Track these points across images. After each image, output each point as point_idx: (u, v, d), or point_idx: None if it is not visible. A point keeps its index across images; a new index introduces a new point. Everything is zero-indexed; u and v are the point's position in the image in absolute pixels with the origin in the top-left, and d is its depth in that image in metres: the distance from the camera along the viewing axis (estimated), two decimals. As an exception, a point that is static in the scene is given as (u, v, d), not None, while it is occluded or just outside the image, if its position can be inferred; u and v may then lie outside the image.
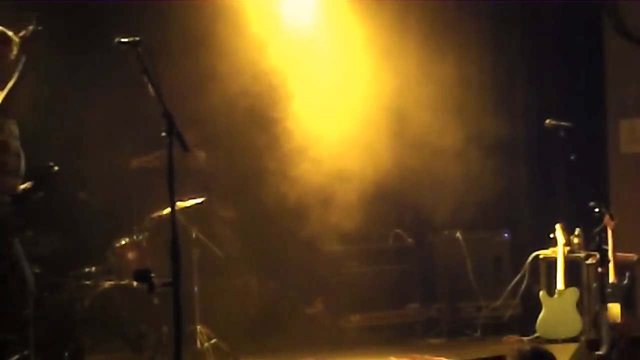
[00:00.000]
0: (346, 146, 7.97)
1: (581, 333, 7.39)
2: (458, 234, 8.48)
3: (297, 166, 7.90)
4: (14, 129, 5.69)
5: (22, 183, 5.72)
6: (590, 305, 7.46)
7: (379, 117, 8.09)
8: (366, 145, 8.05)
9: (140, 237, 7.17)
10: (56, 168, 5.86)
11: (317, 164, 7.90)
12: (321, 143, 7.90)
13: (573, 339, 7.28)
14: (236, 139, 8.03)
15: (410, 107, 8.22)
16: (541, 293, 7.69)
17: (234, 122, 7.87)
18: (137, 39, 4.57)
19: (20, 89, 5.53)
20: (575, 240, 7.90)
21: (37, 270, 6.81)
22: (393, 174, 8.29)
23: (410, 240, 8.60)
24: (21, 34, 5.55)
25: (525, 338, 7.81)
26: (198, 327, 7.11)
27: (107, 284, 6.97)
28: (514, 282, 8.24)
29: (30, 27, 5.52)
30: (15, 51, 5.56)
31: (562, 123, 6.25)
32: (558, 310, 7.53)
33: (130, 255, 7.13)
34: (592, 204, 6.29)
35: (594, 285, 7.32)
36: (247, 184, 8.12)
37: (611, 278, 7.14)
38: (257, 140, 8.01)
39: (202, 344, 7.05)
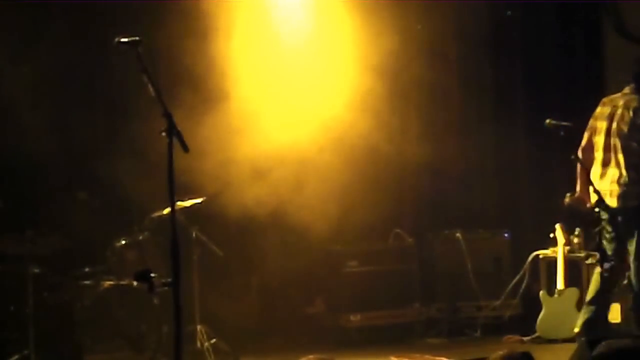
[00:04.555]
0: (345, 145, 7.97)
1: (581, 333, 7.38)
2: (458, 234, 8.46)
3: (297, 166, 7.90)
4: None
5: None
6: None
7: (380, 112, 8.07)
8: (366, 143, 8.04)
9: (140, 237, 7.17)
10: None
11: (315, 162, 7.90)
12: (319, 142, 7.90)
13: (573, 339, 7.26)
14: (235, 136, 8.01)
15: (409, 106, 8.21)
16: (541, 293, 7.70)
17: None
18: (137, 39, 4.56)
19: None
20: (575, 240, 7.90)
21: (37, 270, 6.83)
22: (393, 173, 8.28)
23: (410, 240, 8.59)
24: None
25: (525, 338, 7.80)
26: (198, 327, 7.11)
27: (107, 284, 6.98)
28: (514, 282, 8.22)
29: None
30: None
31: (562, 123, 6.23)
32: (558, 310, 7.54)
33: (130, 255, 7.13)
34: (592, 203, 6.26)
35: (594, 285, 7.31)
36: (246, 183, 8.11)
37: (611, 278, 7.13)
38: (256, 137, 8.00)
39: (202, 344, 7.06)
